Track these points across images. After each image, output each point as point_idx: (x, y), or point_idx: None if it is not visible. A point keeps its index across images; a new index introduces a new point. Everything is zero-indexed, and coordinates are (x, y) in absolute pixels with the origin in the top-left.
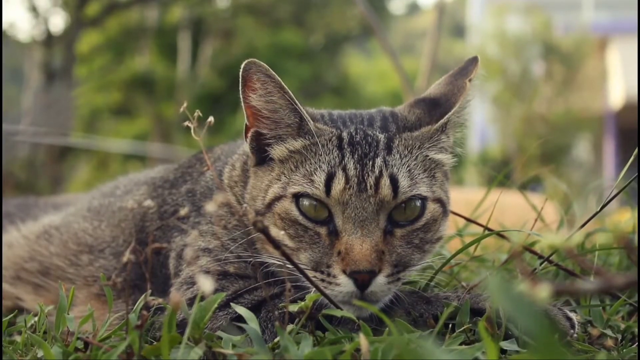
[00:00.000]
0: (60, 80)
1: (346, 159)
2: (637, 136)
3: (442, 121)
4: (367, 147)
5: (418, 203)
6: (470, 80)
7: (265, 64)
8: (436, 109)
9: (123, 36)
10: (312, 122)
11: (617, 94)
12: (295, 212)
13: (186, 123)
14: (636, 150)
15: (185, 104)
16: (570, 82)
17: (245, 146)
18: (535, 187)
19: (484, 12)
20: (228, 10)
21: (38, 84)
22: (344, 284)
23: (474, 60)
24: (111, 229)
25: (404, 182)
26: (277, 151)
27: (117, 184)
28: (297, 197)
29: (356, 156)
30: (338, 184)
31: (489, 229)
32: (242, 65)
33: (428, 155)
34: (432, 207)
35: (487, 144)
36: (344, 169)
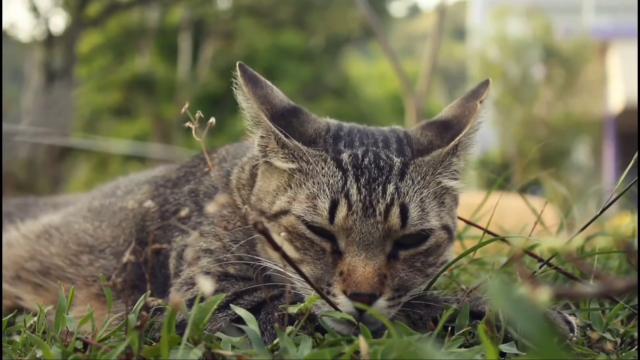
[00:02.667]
0: (61, 81)
1: (349, 183)
2: (638, 140)
3: (453, 143)
4: (376, 171)
5: (424, 233)
6: (481, 102)
7: (243, 67)
8: (447, 131)
9: (124, 37)
10: (286, 139)
11: (617, 98)
12: (302, 227)
13: (187, 124)
14: (636, 155)
15: (187, 105)
16: (570, 86)
17: (255, 149)
18: (535, 190)
19: (485, 15)
20: (229, 11)
21: (38, 84)
22: (343, 305)
23: (485, 83)
24: (112, 229)
25: (414, 213)
26: (277, 163)
27: (118, 184)
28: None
29: (362, 180)
30: (340, 211)
31: (489, 232)
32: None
33: (441, 182)
34: (437, 234)
35: (487, 147)
36: (347, 195)
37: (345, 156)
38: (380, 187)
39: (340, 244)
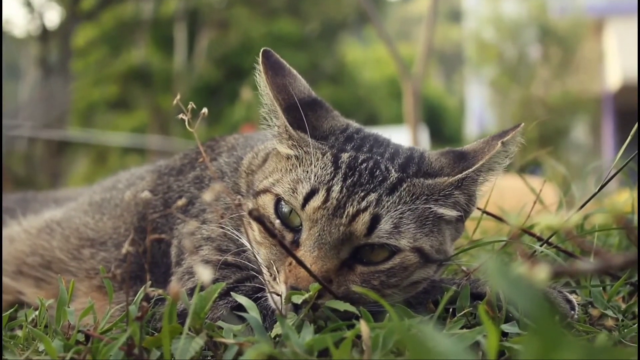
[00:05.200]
0: (57, 75)
1: (336, 179)
2: (637, 116)
3: (459, 176)
4: (367, 177)
5: (388, 249)
6: (503, 143)
7: (267, 54)
8: (461, 162)
9: (119, 29)
10: (293, 130)
11: (614, 75)
12: (271, 210)
13: (180, 115)
14: (634, 129)
15: (178, 96)
16: (567, 65)
17: (270, 135)
18: (535, 170)
19: None
20: (223, 0)
21: (35, 78)
22: (282, 293)
23: (516, 126)
24: (113, 221)
25: (385, 226)
26: (281, 148)
27: (119, 178)
28: (279, 198)
29: (349, 181)
30: (315, 200)
31: (488, 213)
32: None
33: (431, 208)
34: (405, 255)
35: (485, 128)
36: (328, 189)
37: (345, 155)
38: (362, 193)
39: (302, 235)
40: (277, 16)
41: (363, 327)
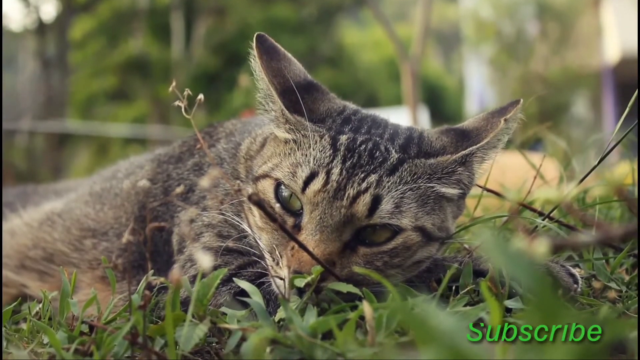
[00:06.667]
0: (55, 68)
1: (335, 162)
2: (637, 88)
3: (463, 153)
4: (367, 159)
5: (390, 229)
6: (505, 120)
7: (261, 38)
8: (464, 140)
9: (115, 20)
10: (289, 114)
11: (613, 49)
12: (271, 195)
13: (177, 102)
14: (632, 100)
15: (174, 84)
16: (565, 40)
17: (267, 119)
18: (536, 146)
19: None
20: None
21: (33, 72)
22: (286, 277)
23: (515, 102)
24: (114, 211)
25: (386, 206)
26: (278, 133)
27: (119, 167)
28: (278, 182)
29: (348, 163)
30: (315, 184)
31: (488, 190)
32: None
33: (434, 188)
34: (407, 234)
35: (485, 106)
36: (328, 172)
37: (343, 137)
38: (362, 175)
39: (303, 219)
40: (273, 1)
41: (366, 307)
